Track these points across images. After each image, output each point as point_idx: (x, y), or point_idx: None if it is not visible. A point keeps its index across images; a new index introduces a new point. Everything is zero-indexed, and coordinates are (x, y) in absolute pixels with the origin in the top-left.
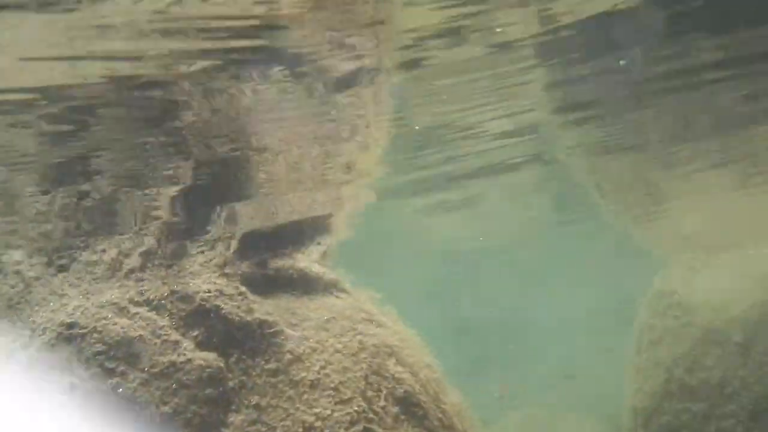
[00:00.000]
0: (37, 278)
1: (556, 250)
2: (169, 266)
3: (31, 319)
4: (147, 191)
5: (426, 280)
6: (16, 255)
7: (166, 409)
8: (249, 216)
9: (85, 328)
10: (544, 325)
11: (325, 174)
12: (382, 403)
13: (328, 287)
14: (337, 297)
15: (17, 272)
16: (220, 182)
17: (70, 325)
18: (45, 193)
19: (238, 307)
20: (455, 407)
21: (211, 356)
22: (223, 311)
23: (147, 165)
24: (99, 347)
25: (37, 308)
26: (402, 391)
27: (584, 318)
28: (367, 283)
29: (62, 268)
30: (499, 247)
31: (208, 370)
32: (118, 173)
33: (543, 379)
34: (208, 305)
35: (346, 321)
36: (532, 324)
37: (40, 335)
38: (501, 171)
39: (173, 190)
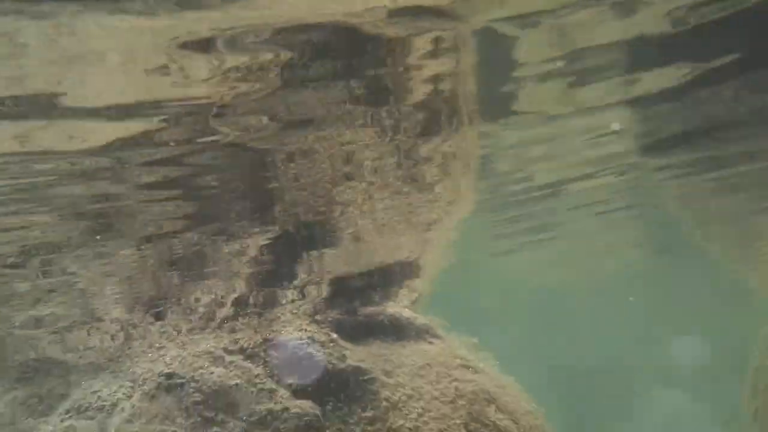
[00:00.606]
0: (136, 331)
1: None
2: (261, 314)
3: (131, 370)
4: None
5: (515, 324)
6: (116, 311)
7: None
8: (336, 261)
9: (183, 378)
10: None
11: (410, 217)
12: None
13: (421, 333)
14: (430, 343)
15: (118, 326)
16: (306, 232)
17: (169, 376)
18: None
19: (331, 354)
20: None
21: (307, 404)
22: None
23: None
24: (198, 396)
25: (136, 360)
26: None
27: (690, 366)
28: (460, 329)
29: (159, 318)
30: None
31: (305, 418)
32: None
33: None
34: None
35: (441, 367)
36: (634, 373)
37: (140, 386)
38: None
39: (262, 239)
